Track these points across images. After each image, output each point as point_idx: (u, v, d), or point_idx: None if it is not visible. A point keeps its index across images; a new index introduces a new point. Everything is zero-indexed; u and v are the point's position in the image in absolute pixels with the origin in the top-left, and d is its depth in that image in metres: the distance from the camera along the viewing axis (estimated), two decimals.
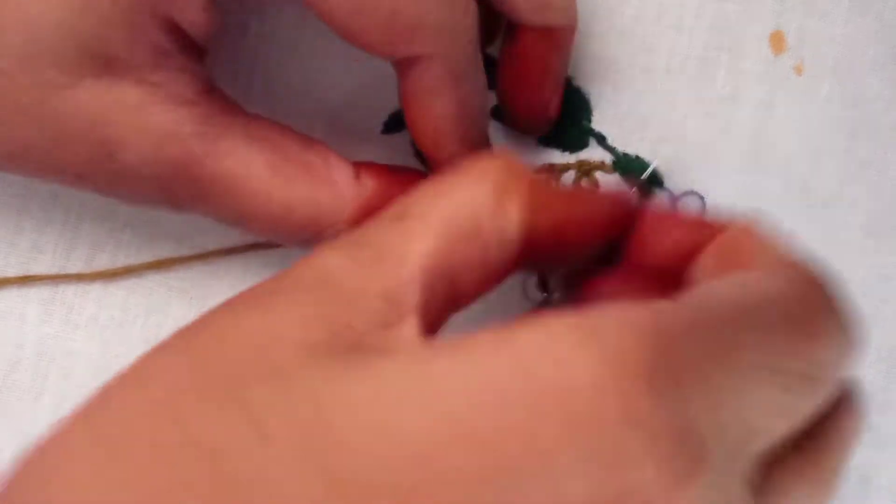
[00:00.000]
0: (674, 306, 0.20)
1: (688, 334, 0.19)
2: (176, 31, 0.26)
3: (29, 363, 0.32)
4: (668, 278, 0.25)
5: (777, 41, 0.33)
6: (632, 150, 0.33)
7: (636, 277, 0.26)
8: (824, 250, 0.33)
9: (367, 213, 0.28)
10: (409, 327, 0.21)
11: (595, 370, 0.18)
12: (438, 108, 0.27)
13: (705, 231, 0.25)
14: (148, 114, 0.26)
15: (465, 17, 0.27)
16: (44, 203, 0.32)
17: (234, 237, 0.32)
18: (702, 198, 0.33)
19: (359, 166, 0.28)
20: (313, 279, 0.22)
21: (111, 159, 0.26)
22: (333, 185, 0.28)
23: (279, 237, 0.28)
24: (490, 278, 0.24)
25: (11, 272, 0.32)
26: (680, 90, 0.33)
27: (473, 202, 0.23)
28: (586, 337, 0.18)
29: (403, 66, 0.27)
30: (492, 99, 0.32)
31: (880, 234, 0.33)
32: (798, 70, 0.33)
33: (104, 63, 0.25)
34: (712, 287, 0.22)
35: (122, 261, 0.33)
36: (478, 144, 0.29)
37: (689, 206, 0.33)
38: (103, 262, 0.33)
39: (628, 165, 0.33)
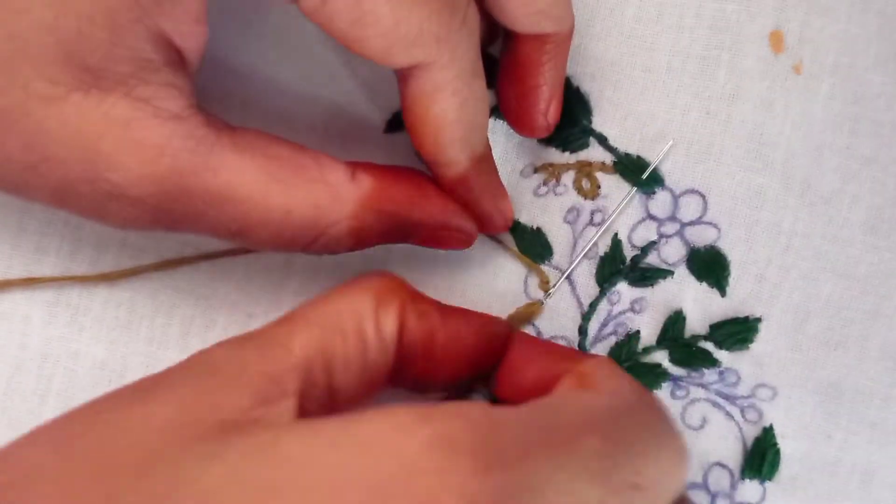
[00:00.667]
0: (512, 407, 0.22)
1: (520, 427, 0.21)
2: (164, 43, 0.25)
3: (34, 365, 0.32)
4: None
5: (776, 41, 0.33)
6: (633, 149, 0.33)
7: None
8: (825, 247, 0.33)
9: (369, 208, 0.28)
10: (287, 406, 0.23)
11: (427, 452, 0.20)
12: (438, 113, 0.27)
13: (566, 362, 0.27)
14: (137, 129, 0.25)
15: (465, 26, 0.27)
16: None
17: None
18: (703, 196, 0.33)
19: (354, 165, 0.28)
20: (196, 367, 0.24)
21: (99, 179, 0.26)
22: (330, 185, 0.27)
23: (280, 244, 0.28)
24: (368, 382, 0.26)
25: (15, 274, 0.32)
26: (681, 89, 0.33)
27: (355, 306, 0.26)
28: (421, 424, 0.20)
29: (404, 72, 0.27)
30: (492, 98, 0.32)
31: (881, 230, 0.33)
32: (797, 70, 0.33)
33: (91, 77, 0.25)
34: (556, 395, 0.24)
35: (126, 262, 0.33)
36: (476, 149, 0.29)
37: (690, 204, 0.33)
38: (108, 263, 0.33)
39: (629, 165, 0.33)
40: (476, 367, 0.28)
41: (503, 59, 0.31)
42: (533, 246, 0.33)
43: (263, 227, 0.27)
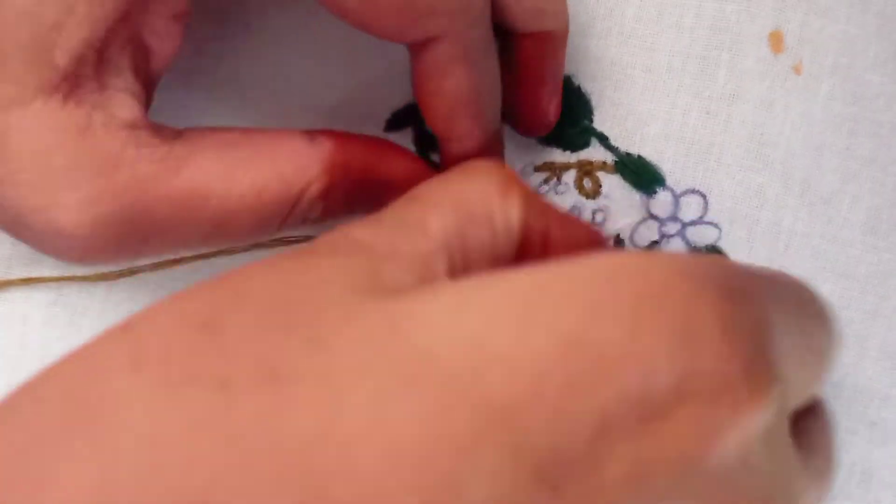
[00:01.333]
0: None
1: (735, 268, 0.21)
2: (137, 48, 0.25)
3: (33, 366, 0.32)
4: None
5: (776, 41, 0.33)
6: (633, 149, 0.33)
7: None
8: (825, 247, 0.33)
9: (335, 164, 0.28)
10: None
11: (676, 277, 0.19)
12: (452, 86, 0.27)
13: None
14: (93, 137, 0.25)
15: None
16: None
17: None
18: (703, 196, 0.33)
19: (311, 131, 0.28)
20: (345, 244, 0.22)
21: (54, 205, 0.25)
22: (290, 152, 0.27)
23: (258, 228, 0.27)
24: (496, 268, 0.24)
25: (15, 274, 0.32)
26: (681, 89, 0.33)
27: (483, 191, 0.24)
28: (656, 260, 0.19)
29: (416, 47, 0.27)
30: None
31: (881, 230, 0.33)
32: (797, 70, 0.33)
33: (55, 77, 0.24)
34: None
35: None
36: (489, 124, 0.29)
37: (691, 204, 0.33)
38: None
39: (630, 165, 0.33)
40: None
41: (502, 59, 0.31)
42: None
43: (237, 217, 0.27)
